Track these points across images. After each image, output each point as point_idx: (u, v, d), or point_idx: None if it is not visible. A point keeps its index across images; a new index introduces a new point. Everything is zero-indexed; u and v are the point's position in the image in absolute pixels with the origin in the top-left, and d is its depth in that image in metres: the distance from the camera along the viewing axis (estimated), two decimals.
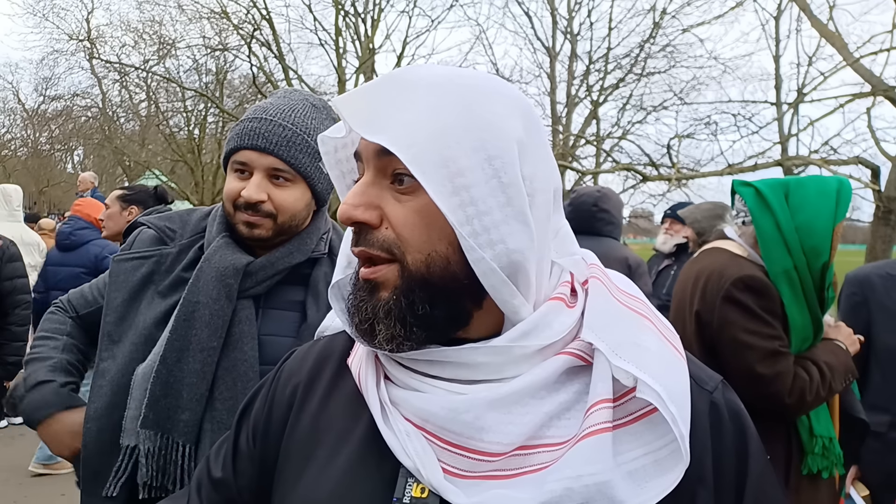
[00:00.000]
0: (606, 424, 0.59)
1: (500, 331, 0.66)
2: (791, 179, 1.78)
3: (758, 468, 0.66)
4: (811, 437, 1.75)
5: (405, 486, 0.64)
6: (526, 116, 0.67)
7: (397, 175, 0.64)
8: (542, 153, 0.68)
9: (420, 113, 0.62)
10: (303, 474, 0.72)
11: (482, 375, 0.64)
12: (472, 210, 0.61)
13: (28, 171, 28.78)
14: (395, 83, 0.65)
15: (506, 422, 0.61)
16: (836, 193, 1.70)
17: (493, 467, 0.62)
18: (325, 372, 0.78)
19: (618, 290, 0.69)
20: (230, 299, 1.26)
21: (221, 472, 0.82)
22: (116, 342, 1.31)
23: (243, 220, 1.28)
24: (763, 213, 1.74)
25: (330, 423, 0.73)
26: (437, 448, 0.63)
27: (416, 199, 0.63)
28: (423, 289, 0.63)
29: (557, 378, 0.63)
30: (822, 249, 1.69)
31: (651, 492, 0.58)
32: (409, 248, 0.63)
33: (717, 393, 0.68)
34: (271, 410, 0.80)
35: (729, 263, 1.79)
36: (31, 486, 4.27)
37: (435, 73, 0.65)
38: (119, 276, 1.34)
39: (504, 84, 0.69)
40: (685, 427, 0.59)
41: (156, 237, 1.38)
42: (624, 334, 0.63)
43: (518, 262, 0.63)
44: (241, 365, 1.24)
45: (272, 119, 1.27)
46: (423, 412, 0.64)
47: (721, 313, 1.73)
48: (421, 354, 0.66)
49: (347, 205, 0.65)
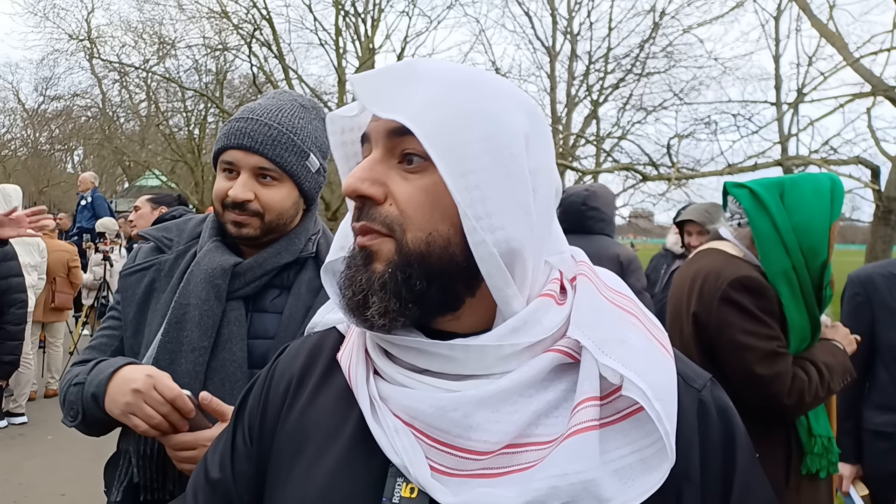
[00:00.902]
0: (593, 422, 0.58)
1: (490, 325, 0.66)
2: (785, 179, 1.77)
3: (744, 464, 0.66)
4: (810, 437, 1.74)
5: (395, 486, 0.64)
6: (531, 115, 0.68)
7: (406, 155, 0.65)
8: (547, 152, 0.69)
9: (434, 97, 0.63)
10: (292, 471, 0.72)
11: (470, 371, 0.64)
12: (477, 194, 0.62)
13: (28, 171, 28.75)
14: (410, 68, 0.66)
15: (494, 420, 0.61)
16: (831, 192, 1.70)
17: (481, 466, 0.61)
18: (316, 367, 0.78)
19: (606, 287, 0.69)
20: (219, 300, 1.27)
21: (219, 472, 0.80)
22: (136, 353, 1.32)
23: (231, 220, 1.30)
24: (759, 214, 1.73)
25: (319, 419, 0.73)
26: (425, 446, 0.63)
27: (424, 178, 0.64)
28: (420, 265, 0.63)
29: (546, 376, 0.63)
30: (820, 248, 1.69)
31: (637, 490, 0.58)
32: (412, 226, 0.63)
33: (705, 391, 0.68)
34: (266, 407, 0.79)
35: (726, 264, 1.78)
36: (31, 486, 4.27)
37: (447, 65, 0.68)
38: (127, 291, 1.36)
39: (511, 83, 0.70)
40: (670, 424, 0.59)
41: (154, 247, 1.41)
42: (609, 331, 0.63)
43: (516, 249, 0.63)
44: (229, 365, 1.24)
45: (258, 119, 1.28)
46: (411, 409, 0.64)
47: (719, 314, 1.72)
48: (412, 342, 0.65)
49: (354, 178, 0.65)
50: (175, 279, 1.33)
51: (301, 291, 1.32)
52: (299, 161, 1.30)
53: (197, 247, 1.37)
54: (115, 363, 1.22)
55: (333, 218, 14.64)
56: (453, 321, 0.67)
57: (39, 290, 5.64)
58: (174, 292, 1.30)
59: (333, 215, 14.89)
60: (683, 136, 12.04)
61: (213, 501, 0.80)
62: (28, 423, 5.34)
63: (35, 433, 5.17)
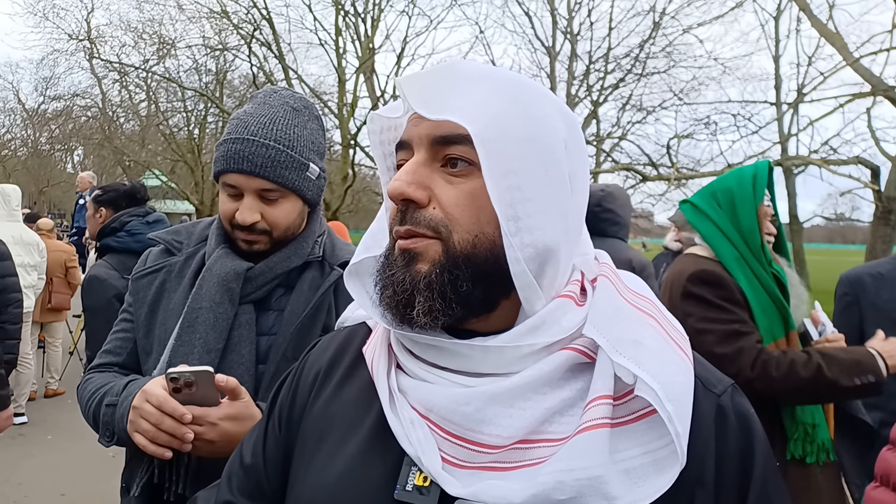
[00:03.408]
0: (604, 420, 0.59)
1: (513, 324, 0.67)
2: (715, 181, 2.02)
3: (762, 472, 0.66)
4: (793, 423, 1.80)
5: (409, 474, 0.66)
6: (569, 121, 0.70)
7: (450, 159, 0.66)
8: (583, 158, 0.71)
9: (481, 99, 0.64)
10: (315, 457, 0.74)
11: (489, 369, 0.65)
12: (518, 195, 0.63)
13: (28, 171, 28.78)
14: (454, 71, 0.67)
15: (506, 415, 0.61)
16: (753, 177, 1.91)
17: (493, 459, 0.62)
18: (344, 360, 0.81)
19: (626, 288, 0.70)
20: (233, 303, 1.31)
21: (251, 458, 0.84)
22: (149, 354, 1.36)
23: (241, 238, 1.34)
24: (701, 220, 1.97)
25: (343, 409, 0.75)
26: (438, 438, 0.65)
27: (469, 182, 0.65)
28: (468, 266, 0.64)
29: (562, 375, 0.64)
30: (752, 229, 1.88)
31: (646, 491, 0.58)
32: (458, 228, 0.64)
33: (724, 396, 0.68)
34: (295, 396, 0.82)
35: (689, 265, 1.93)
36: (31, 486, 4.27)
37: (489, 68, 0.69)
38: (139, 293, 1.40)
39: (547, 88, 0.71)
40: (682, 426, 0.58)
41: (164, 250, 1.45)
42: (626, 332, 0.63)
43: (552, 249, 0.65)
44: (237, 367, 1.28)
45: (254, 139, 1.29)
46: (427, 402, 0.65)
47: (682, 308, 1.84)
48: (433, 340, 0.66)
49: (400, 181, 0.66)
50: (186, 280, 1.36)
51: (304, 289, 1.36)
52: (300, 175, 1.33)
53: (206, 249, 1.40)
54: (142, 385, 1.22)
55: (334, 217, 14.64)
56: (482, 322, 0.68)
57: (40, 290, 5.63)
58: (186, 294, 1.33)
59: (333, 215, 14.88)
60: (683, 137, 12.05)
61: (246, 485, 0.83)
62: (28, 423, 5.34)
63: (35, 433, 5.16)
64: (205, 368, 1.12)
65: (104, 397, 1.29)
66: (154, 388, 1.14)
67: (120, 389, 1.27)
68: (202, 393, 1.13)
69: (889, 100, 8.72)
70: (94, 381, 1.35)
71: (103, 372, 1.39)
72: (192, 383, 1.11)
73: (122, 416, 1.21)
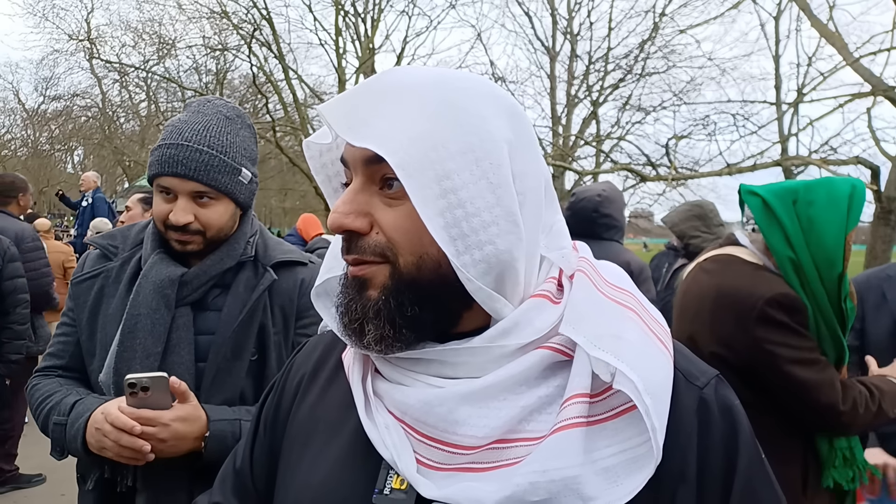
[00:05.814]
0: (579, 419, 0.58)
1: (489, 324, 0.66)
2: (800, 186, 1.66)
3: (748, 465, 0.65)
4: (831, 450, 1.66)
5: (386, 477, 0.66)
6: (512, 115, 0.67)
7: (386, 180, 0.64)
8: (531, 151, 0.68)
9: (405, 117, 0.62)
10: (300, 460, 0.75)
11: (463, 373, 0.64)
12: (461, 212, 0.61)
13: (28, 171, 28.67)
14: (379, 88, 0.64)
15: (480, 415, 0.61)
16: (849, 198, 1.60)
17: (468, 460, 0.62)
18: (328, 363, 0.81)
19: (605, 282, 0.67)
20: (169, 308, 1.38)
21: (241, 461, 0.86)
22: (93, 355, 1.43)
23: (175, 239, 1.41)
24: (772, 228, 1.64)
25: (327, 412, 0.76)
26: (413, 440, 0.64)
27: (407, 203, 0.62)
28: (412, 290, 0.63)
29: (539, 373, 0.63)
30: (835, 260, 1.59)
31: (624, 489, 0.57)
32: (402, 251, 0.63)
33: (707, 388, 0.66)
34: (280, 400, 0.83)
35: (754, 280, 1.66)
36: (31, 486, 4.27)
37: (418, 77, 0.65)
38: (79, 298, 1.47)
39: (489, 84, 0.68)
40: (658, 421, 0.57)
41: (100, 255, 1.51)
42: (604, 327, 0.61)
43: (507, 262, 0.63)
44: (178, 367, 1.36)
45: (188, 145, 1.36)
46: (402, 405, 0.65)
47: (758, 334, 1.60)
48: (405, 353, 0.66)
49: (338, 213, 0.65)
50: (123, 286, 1.43)
51: (239, 290, 1.44)
52: (232, 179, 1.40)
53: (141, 253, 1.46)
54: (89, 407, 1.33)
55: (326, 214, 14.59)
56: (456, 325, 0.67)
57: None
58: (123, 300, 1.41)
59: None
60: (682, 137, 12.04)
61: (237, 488, 0.86)
62: (28, 422, 5.34)
63: (35, 433, 5.13)
64: (160, 374, 1.24)
65: (51, 412, 1.38)
66: (111, 408, 1.25)
67: (67, 409, 1.36)
68: (156, 396, 1.24)
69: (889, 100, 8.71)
70: (40, 388, 1.46)
71: (48, 376, 1.49)
72: (147, 388, 1.23)
73: (75, 437, 1.32)
